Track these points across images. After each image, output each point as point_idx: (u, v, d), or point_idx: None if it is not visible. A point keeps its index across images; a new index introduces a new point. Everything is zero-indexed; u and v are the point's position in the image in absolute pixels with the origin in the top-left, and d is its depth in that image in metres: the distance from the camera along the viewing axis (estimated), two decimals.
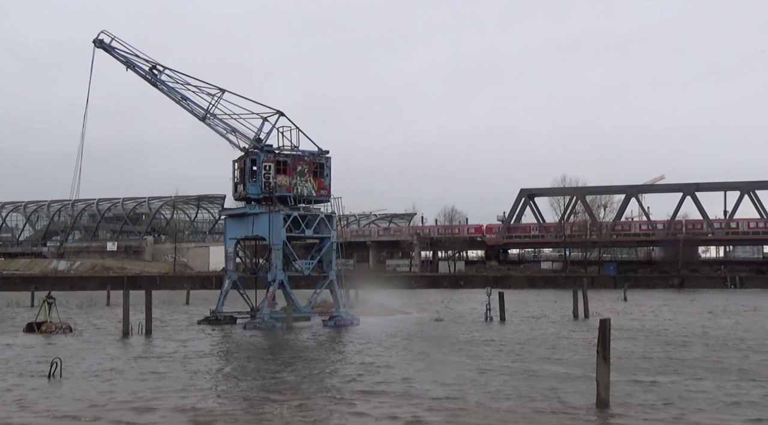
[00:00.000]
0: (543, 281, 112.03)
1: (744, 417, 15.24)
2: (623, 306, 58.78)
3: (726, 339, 31.74)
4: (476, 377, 21.05)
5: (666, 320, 44.26)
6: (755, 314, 48.94)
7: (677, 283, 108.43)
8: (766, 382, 19.55)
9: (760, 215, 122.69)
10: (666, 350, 27.61)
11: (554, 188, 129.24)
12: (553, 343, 30.54)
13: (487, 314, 43.09)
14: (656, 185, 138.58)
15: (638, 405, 16.59)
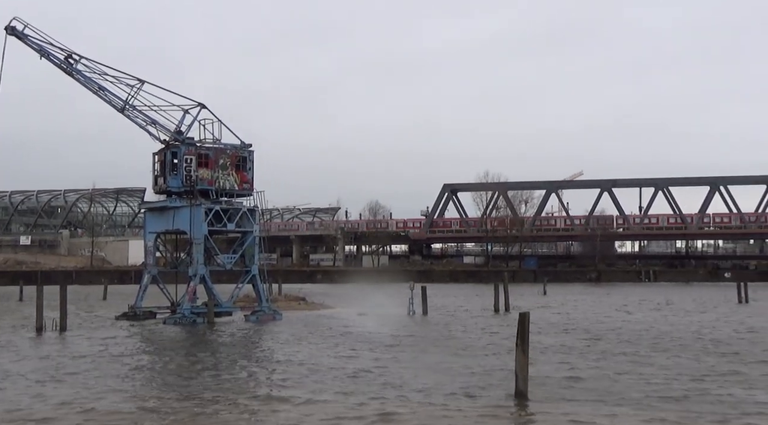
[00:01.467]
0: (465, 276, 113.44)
1: (663, 410, 15.63)
2: (543, 300, 59.98)
3: (642, 332, 32.65)
4: (397, 371, 21.13)
5: (585, 313, 45.31)
6: (668, 308, 50.59)
7: (594, 277, 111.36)
8: (689, 375, 20.06)
9: (674, 210, 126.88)
10: (586, 343, 28.24)
11: (477, 184, 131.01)
12: (473, 336, 30.92)
13: (410, 308, 43.39)
14: (575, 182, 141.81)
15: (557, 397, 16.89)
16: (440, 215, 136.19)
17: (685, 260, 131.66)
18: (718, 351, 25.47)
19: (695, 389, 17.81)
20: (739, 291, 57.53)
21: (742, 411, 15.53)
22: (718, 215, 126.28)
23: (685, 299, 60.66)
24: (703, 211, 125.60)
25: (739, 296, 56.97)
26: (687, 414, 14.95)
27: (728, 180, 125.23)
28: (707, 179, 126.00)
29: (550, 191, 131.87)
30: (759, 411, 15.55)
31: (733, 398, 16.84)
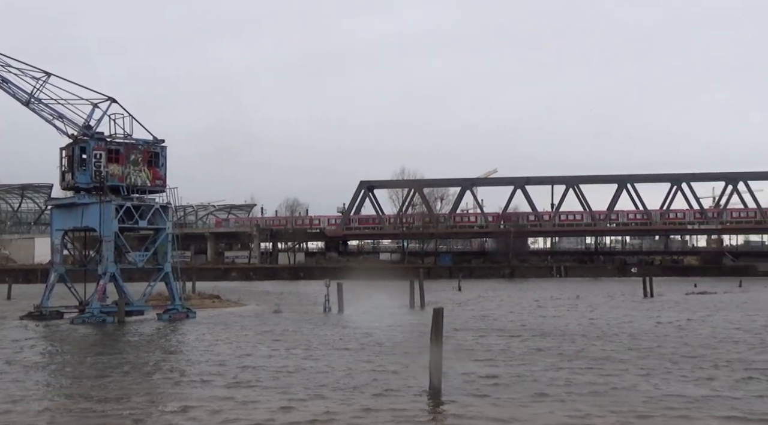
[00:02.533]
0: (381, 272, 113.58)
1: (580, 404, 15.95)
2: (458, 296, 60.74)
3: (556, 327, 33.39)
4: (312, 367, 21.06)
5: (500, 310, 46.05)
6: (580, 303, 51.93)
7: (508, 273, 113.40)
8: (598, 370, 20.54)
9: (584, 208, 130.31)
10: (501, 339, 28.68)
11: (393, 181, 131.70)
12: (389, 333, 31.06)
13: (326, 306, 43.32)
14: (490, 179, 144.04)
15: (471, 392, 17.09)
16: (357, 212, 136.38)
17: (594, 256, 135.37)
18: (635, 346, 26.23)
19: (610, 383, 18.23)
20: (645, 286, 59.51)
21: (654, 403, 16.04)
22: (625, 212, 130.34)
23: (596, 294, 62.38)
24: (612, 208, 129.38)
25: (645, 291, 58.92)
26: (603, 407, 15.29)
27: (635, 178, 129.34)
28: (615, 177, 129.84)
29: (465, 189, 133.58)
30: (667, 405, 16.09)
31: (650, 390, 17.38)
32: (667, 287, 71.49)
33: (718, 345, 26.30)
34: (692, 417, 14.55)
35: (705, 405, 15.67)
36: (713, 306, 47.49)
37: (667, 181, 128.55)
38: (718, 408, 15.39)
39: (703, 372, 19.84)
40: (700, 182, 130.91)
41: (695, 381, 18.35)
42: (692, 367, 20.75)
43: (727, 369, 20.39)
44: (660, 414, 14.76)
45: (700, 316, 39.44)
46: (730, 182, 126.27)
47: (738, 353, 23.99)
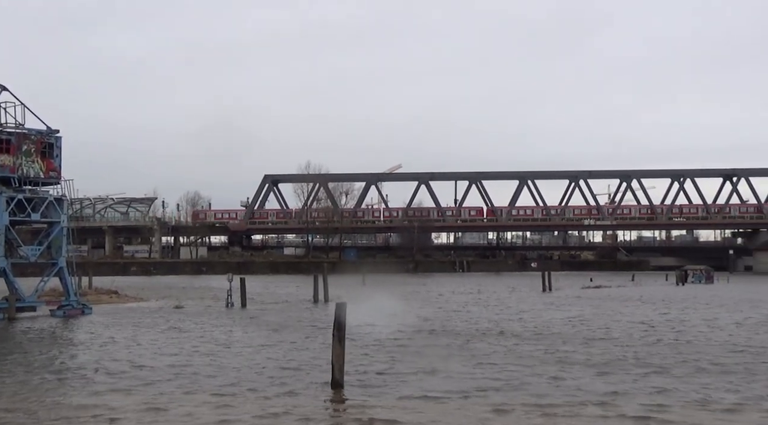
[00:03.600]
0: (286, 267, 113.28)
1: (482, 399, 16.14)
2: (363, 290, 60.91)
3: (462, 323, 33.82)
4: (212, 363, 20.70)
5: (406, 305, 46.40)
6: (483, 298, 52.88)
7: (412, 267, 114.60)
8: (502, 364, 20.86)
9: (486, 203, 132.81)
10: (403, 333, 28.85)
11: (298, 175, 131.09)
12: (291, 327, 30.85)
13: (228, 300, 42.73)
14: (394, 174, 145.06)
15: (373, 386, 17.11)
16: (261, 206, 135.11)
17: (495, 251, 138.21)
18: (539, 340, 26.80)
19: (512, 378, 18.52)
20: (544, 280, 61.11)
21: (558, 398, 16.40)
22: (526, 207, 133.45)
23: (497, 288, 63.67)
24: (513, 204, 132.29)
25: (544, 285, 60.50)
26: (504, 402, 15.49)
27: (535, 175, 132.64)
28: (516, 173, 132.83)
29: (370, 183, 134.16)
30: (579, 400, 16.48)
31: (554, 384, 17.75)
32: (565, 281, 73.62)
33: (612, 336, 27.19)
34: (582, 414, 14.95)
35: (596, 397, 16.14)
36: (609, 298, 49.16)
37: (566, 178, 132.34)
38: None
39: (602, 361, 20.44)
40: (597, 180, 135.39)
41: (601, 376, 18.85)
42: (585, 361, 21.34)
43: (625, 363, 21.08)
44: (563, 403, 15.11)
45: (595, 309, 40.71)
46: (624, 179, 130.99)
47: (630, 344, 24.85)
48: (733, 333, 28.62)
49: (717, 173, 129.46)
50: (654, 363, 20.40)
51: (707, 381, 17.80)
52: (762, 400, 15.54)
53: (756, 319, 34.33)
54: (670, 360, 21.12)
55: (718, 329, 29.89)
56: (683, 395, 16.05)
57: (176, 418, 14.25)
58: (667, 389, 16.65)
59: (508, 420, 13.94)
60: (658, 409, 14.63)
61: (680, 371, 19.19)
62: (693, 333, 28.52)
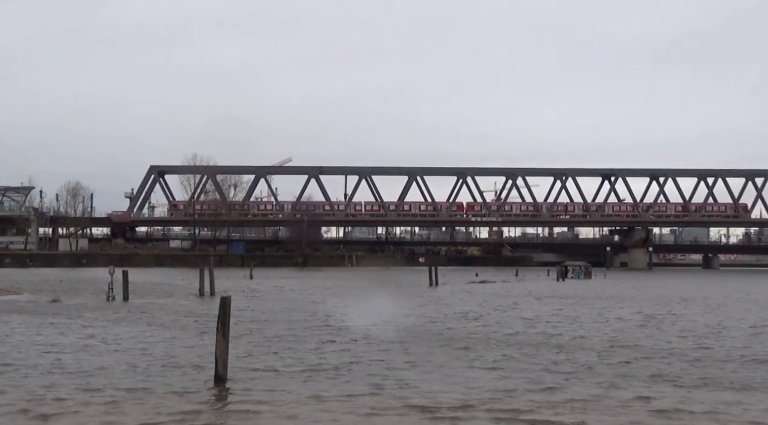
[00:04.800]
0: (171, 260, 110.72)
1: (369, 395, 16.04)
2: (250, 284, 60.19)
3: (348, 317, 33.76)
4: (89, 360, 19.86)
5: (295, 301, 46.03)
6: (369, 293, 53.08)
7: (301, 261, 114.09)
8: (392, 361, 20.88)
9: (376, 198, 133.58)
10: (290, 327, 28.57)
11: (185, 167, 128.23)
12: (176, 321, 30.06)
13: (110, 294, 41.25)
14: (284, 167, 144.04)
15: (257, 380, 16.82)
16: (146, 198, 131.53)
17: (384, 245, 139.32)
18: (425, 336, 26.98)
19: (404, 376, 18.54)
20: (431, 275, 61.93)
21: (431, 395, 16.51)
22: (414, 203, 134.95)
23: (385, 283, 64.03)
24: (402, 199, 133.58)
25: (431, 280, 61.31)
26: (393, 397, 15.46)
27: (424, 171, 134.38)
28: (405, 169, 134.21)
29: (260, 176, 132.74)
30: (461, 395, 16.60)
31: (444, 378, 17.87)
32: (451, 276, 74.84)
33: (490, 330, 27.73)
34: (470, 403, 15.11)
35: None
36: (496, 294, 50.28)
37: (454, 174, 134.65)
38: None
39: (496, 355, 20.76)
40: (484, 177, 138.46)
41: (493, 370, 19.10)
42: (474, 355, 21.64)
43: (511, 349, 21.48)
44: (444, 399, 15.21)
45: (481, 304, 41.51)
46: (510, 177, 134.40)
47: (510, 333, 25.39)
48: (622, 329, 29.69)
49: (596, 172, 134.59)
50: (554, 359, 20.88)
51: (638, 383, 18.30)
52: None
53: (621, 315, 35.76)
54: (561, 356, 21.67)
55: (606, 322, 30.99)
56: (579, 391, 16.44)
57: (46, 418, 13.55)
58: (555, 387, 17.02)
59: (385, 419, 13.90)
60: (546, 404, 14.91)
61: (569, 367, 19.69)
62: (591, 328, 29.40)
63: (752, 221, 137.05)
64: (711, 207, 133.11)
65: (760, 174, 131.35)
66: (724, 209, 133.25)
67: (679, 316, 34.26)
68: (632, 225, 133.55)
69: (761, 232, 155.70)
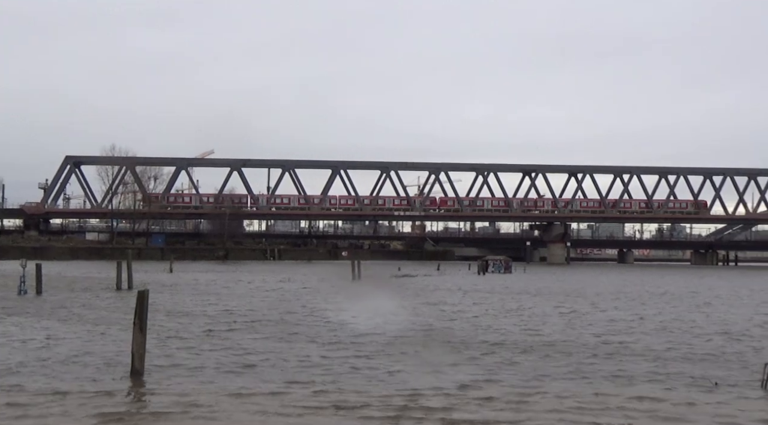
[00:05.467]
0: (88, 253, 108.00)
1: (292, 388, 15.92)
2: (169, 277, 59.15)
3: (271, 311, 33.47)
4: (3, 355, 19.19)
5: (218, 294, 45.42)
6: (292, 284, 52.78)
7: (222, 255, 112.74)
8: (348, 346, 20.76)
9: (299, 192, 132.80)
10: (213, 320, 28.18)
11: (103, 157, 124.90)
12: (91, 314, 29.29)
13: (21, 287, 39.86)
14: (206, 159, 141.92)
15: (174, 374, 16.53)
16: (61, 189, 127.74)
17: (307, 239, 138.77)
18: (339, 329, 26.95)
19: (327, 371, 18.48)
20: (353, 269, 61.91)
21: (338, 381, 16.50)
22: (338, 197, 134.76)
23: (307, 276, 63.83)
24: (326, 193, 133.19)
25: (353, 274, 61.31)
26: (314, 390, 15.39)
27: (348, 165, 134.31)
28: (329, 162, 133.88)
29: (181, 168, 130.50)
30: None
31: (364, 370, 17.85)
32: (374, 270, 75.02)
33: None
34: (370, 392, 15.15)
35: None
36: (419, 288, 50.64)
37: (377, 169, 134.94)
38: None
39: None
40: (407, 171, 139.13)
41: (394, 362, 19.18)
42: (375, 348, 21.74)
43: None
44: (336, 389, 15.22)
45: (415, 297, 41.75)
46: (433, 171, 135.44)
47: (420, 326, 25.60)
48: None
49: (517, 168, 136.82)
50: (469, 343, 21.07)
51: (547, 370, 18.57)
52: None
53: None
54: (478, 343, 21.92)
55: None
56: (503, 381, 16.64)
57: None
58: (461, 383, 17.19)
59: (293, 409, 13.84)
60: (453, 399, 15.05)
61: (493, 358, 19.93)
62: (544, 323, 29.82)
63: (663, 217, 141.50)
64: (626, 204, 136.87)
65: (673, 172, 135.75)
66: (639, 206, 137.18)
67: (593, 311, 35.13)
68: (551, 220, 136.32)
69: (673, 228, 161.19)
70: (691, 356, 19.99)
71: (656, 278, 72.71)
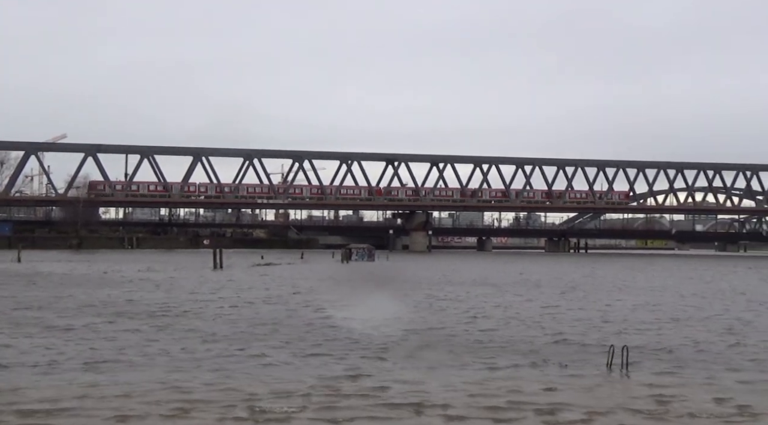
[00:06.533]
0: None
1: (180, 382, 15.29)
2: (17, 267, 56.15)
3: (132, 303, 32.26)
4: None
5: (78, 285, 43.40)
6: (150, 274, 51.16)
7: (76, 243, 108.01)
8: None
9: (158, 179, 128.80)
10: (71, 314, 26.85)
11: None
12: None
13: None
14: (58, 144, 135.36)
15: (29, 367, 15.59)
16: None
17: (167, 227, 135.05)
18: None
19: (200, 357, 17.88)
20: (215, 258, 60.76)
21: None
22: (197, 184, 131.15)
23: (167, 266, 62.05)
24: (186, 180, 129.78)
25: (215, 263, 60.16)
26: (173, 388, 14.84)
27: (210, 152, 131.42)
28: (190, 149, 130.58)
29: (30, 153, 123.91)
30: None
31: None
32: (236, 258, 73.88)
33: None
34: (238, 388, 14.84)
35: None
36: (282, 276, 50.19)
37: (240, 156, 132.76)
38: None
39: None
40: (271, 159, 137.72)
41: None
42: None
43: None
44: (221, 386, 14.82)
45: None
46: (296, 159, 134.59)
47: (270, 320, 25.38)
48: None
49: (380, 157, 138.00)
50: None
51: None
52: None
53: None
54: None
55: None
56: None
57: None
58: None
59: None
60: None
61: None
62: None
63: (520, 207, 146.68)
64: (485, 193, 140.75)
65: (529, 162, 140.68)
66: (497, 195, 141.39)
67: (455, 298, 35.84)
68: (413, 209, 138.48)
69: (528, 216, 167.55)
70: (550, 341, 20.62)
71: (516, 265, 75.21)
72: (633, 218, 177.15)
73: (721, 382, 15.10)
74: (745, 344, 20.49)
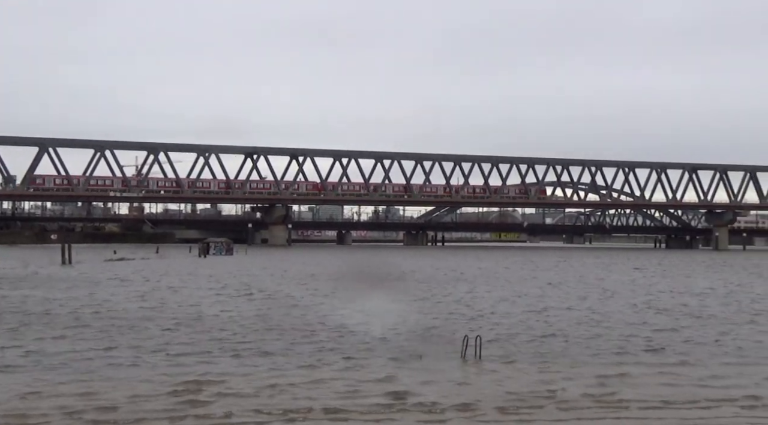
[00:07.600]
0: None
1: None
2: None
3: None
4: None
5: None
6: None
7: None
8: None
9: (1, 171, 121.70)
10: None
11: None
12: None
13: None
14: None
15: None
16: None
17: (11, 221, 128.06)
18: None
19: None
20: (63, 253, 58.20)
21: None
22: (44, 176, 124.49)
23: (12, 262, 58.91)
24: (32, 172, 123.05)
25: (63, 258, 57.63)
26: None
27: (58, 142, 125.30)
28: (35, 139, 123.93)
29: None
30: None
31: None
32: (87, 254, 71.02)
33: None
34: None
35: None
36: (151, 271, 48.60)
37: (91, 147, 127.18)
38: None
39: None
40: (124, 150, 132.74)
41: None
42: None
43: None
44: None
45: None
46: (151, 152, 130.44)
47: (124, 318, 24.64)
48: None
49: (239, 150, 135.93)
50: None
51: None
52: None
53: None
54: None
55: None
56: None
57: None
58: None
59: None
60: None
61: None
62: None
63: (380, 201, 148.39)
64: (345, 186, 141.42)
65: (388, 156, 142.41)
66: (356, 188, 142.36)
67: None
68: (273, 202, 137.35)
69: (388, 210, 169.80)
70: (413, 333, 20.87)
71: (376, 258, 76.11)
72: (488, 212, 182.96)
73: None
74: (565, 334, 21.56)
